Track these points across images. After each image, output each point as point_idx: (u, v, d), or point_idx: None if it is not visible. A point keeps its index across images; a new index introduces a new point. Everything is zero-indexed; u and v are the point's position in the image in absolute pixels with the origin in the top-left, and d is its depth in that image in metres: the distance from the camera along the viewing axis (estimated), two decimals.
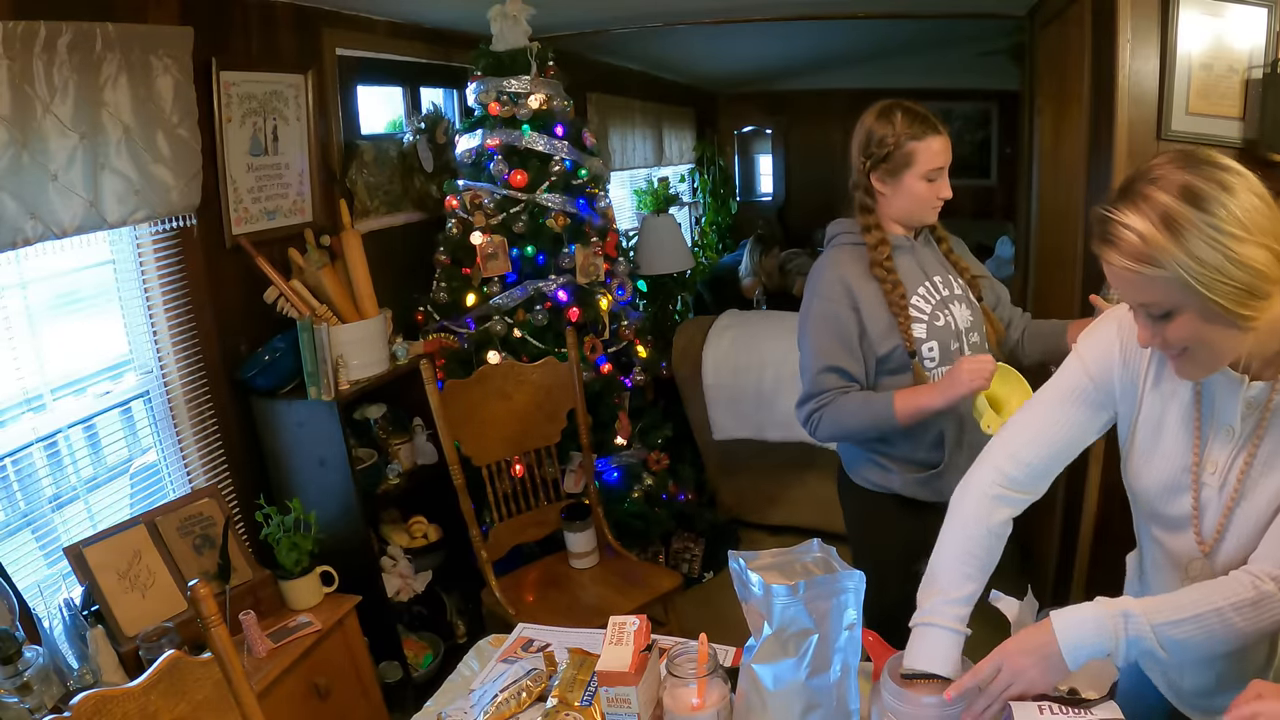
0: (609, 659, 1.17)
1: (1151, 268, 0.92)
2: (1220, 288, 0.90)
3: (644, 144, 5.19)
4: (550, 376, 2.46)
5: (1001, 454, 1.20)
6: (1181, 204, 0.90)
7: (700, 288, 5.01)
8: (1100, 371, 1.14)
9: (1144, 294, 0.95)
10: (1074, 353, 1.18)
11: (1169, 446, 1.09)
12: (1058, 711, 1.06)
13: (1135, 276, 0.94)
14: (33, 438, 1.87)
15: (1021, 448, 1.19)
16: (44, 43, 1.71)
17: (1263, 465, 1.03)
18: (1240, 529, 1.05)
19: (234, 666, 1.19)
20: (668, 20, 3.71)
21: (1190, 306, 0.93)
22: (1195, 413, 1.07)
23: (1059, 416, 1.17)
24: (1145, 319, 0.98)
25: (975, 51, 5.26)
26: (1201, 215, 0.89)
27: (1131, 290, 0.97)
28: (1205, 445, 1.06)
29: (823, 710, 1.08)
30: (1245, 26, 1.99)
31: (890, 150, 1.65)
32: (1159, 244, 0.90)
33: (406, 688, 2.49)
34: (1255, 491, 1.03)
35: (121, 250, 2.09)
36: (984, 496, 1.19)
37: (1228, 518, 1.06)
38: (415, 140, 3.02)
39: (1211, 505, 1.07)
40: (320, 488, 2.34)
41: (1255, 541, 1.03)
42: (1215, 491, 1.06)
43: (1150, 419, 1.11)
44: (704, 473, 3.59)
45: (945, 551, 1.20)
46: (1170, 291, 0.93)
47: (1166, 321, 0.96)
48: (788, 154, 7.11)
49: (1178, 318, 0.95)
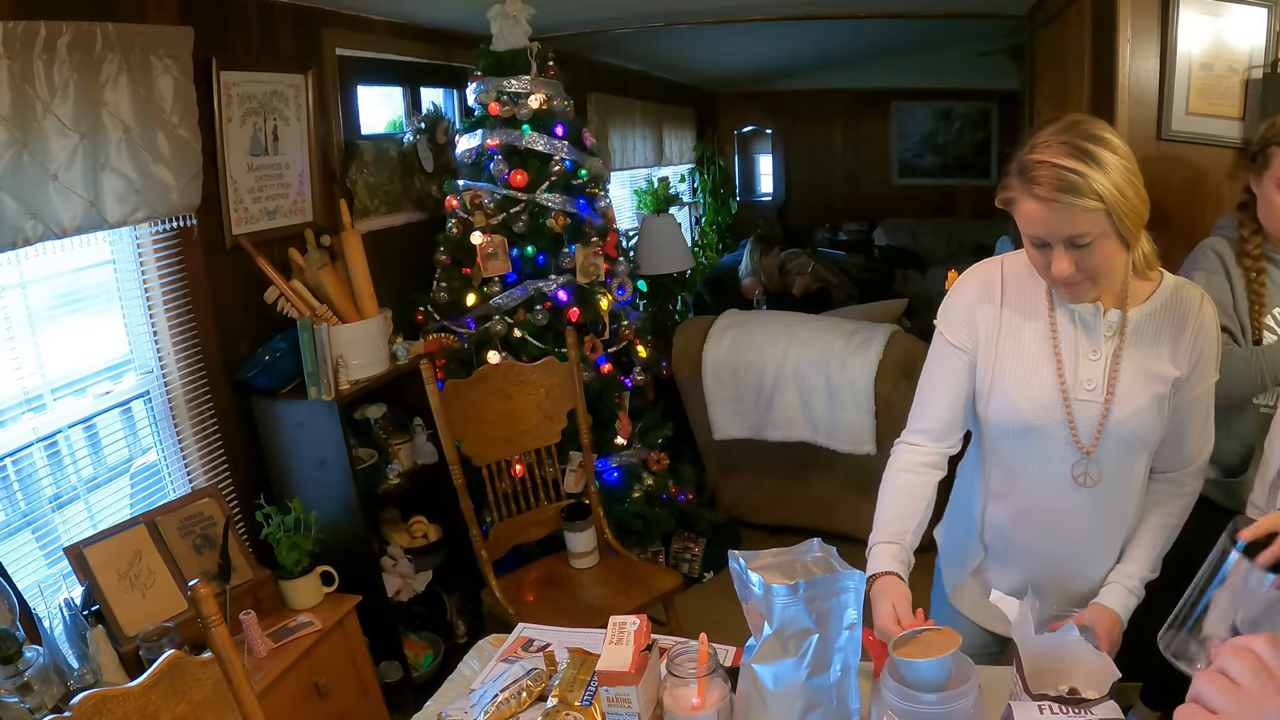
0: (609, 659, 1.17)
1: (1092, 200, 1.12)
2: (1131, 215, 1.15)
3: (644, 144, 5.19)
4: (550, 376, 2.46)
5: (920, 424, 1.42)
6: (1106, 152, 1.14)
7: (700, 288, 5.01)
8: (960, 337, 1.37)
9: (1077, 226, 1.15)
10: (936, 333, 1.40)
11: (1038, 374, 1.31)
12: (1058, 711, 1.06)
13: (1077, 211, 1.13)
14: (33, 438, 1.87)
15: (929, 415, 1.41)
16: (44, 42, 1.71)
17: (1128, 373, 1.29)
18: (1117, 431, 1.29)
19: (234, 666, 1.19)
20: (668, 20, 3.71)
21: (1110, 233, 1.16)
22: (1054, 345, 1.31)
23: (945, 383, 1.39)
24: (1066, 251, 1.18)
25: (975, 51, 5.27)
26: (1119, 159, 1.14)
27: (1065, 225, 1.15)
28: (1073, 368, 1.30)
29: (823, 710, 1.08)
30: (1245, 26, 1.99)
31: (1256, 150, 1.63)
32: (1100, 181, 1.12)
33: (406, 688, 2.48)
34: (1125, 397, 1.29)
35: (121, 250, 2.09)
36: (913, 464, 1.40)
37: (1104, 423, 1.29)
38: (415, 140, 3.02)
39: (1089, 415, 1.30)
40: (320, 488, 2.34)
41: (1129, 439, 1.29)
42: (1091, 404, 1.29)
43: (1012, 357, 1.33)
44: (704, 473, 3.59)
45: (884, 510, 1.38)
46: (1098, 220, 1.14)
47: (1087, 249, 1.17)
48: (788, 154, 7.11)
49: (1098, 245, 1.16)
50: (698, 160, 6.32)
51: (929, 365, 1.43)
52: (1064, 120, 1.18)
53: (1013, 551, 1.44)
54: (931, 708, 1.07)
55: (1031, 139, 1.19)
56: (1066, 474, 1.33)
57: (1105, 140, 1.15)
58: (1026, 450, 1.35)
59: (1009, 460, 1.38)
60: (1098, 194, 1.12)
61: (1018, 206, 1.20)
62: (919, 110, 6.62)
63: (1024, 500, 1.40)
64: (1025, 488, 1.39)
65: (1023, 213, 1.19)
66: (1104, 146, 1.14)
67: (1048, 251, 1.20)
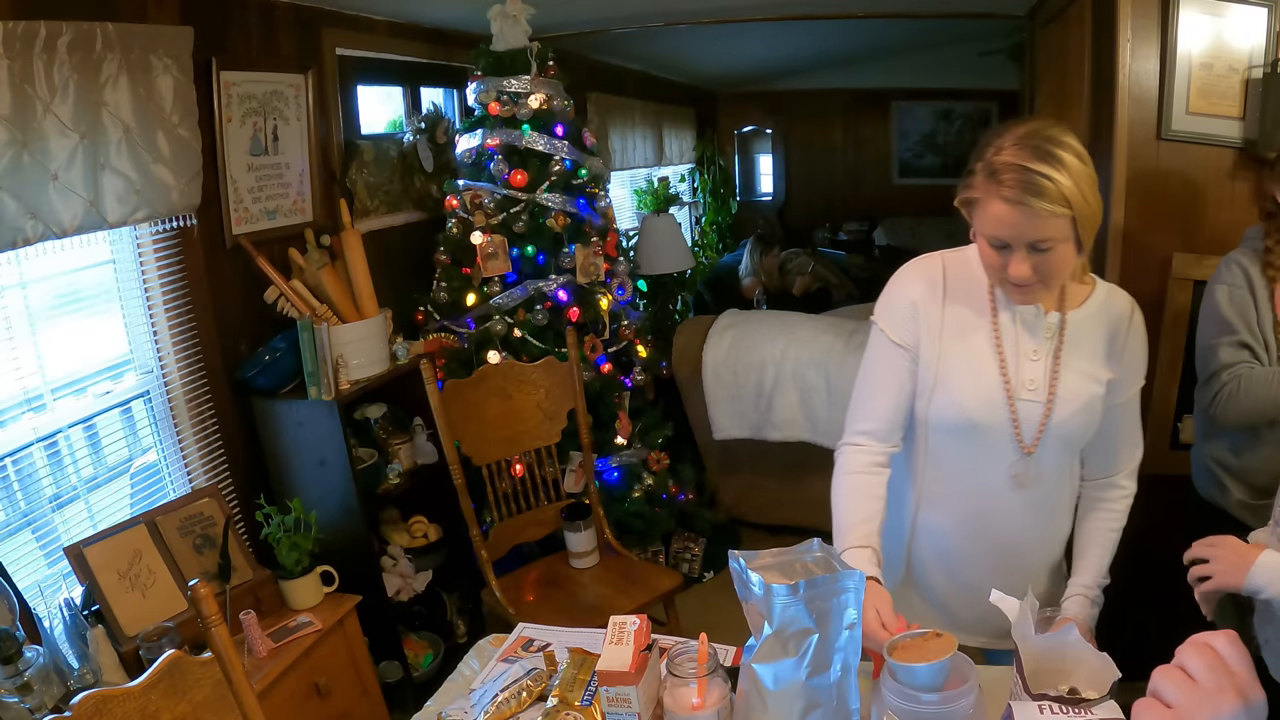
0: (609, 659, 1.17)
1: (1060, 206, 1.14)
2: (1091, 222, 1.18)
3: (644, 144, 5.19)
4: (550, 376, 2.46)
5: (863, 425, 1.40)
6: (1072, 157, 1.15)
7: (700, 288, 5.01)
8: (903, 335, 1.36)
9: (1043, 231, 1.16)
10: (874, 329, 1.39)
11: (983, 373, 1.33)
12: (1058, 711, 1.06)
13: (1047, 217, 1.15)
14: (33, 438, 1.87)
15: (873, 415, 1.39)
16: (44, 42, 1.71)
17: (1067, 373, 1.31)
18: (1058, 430, 1.32)
19: (234, 666, 1.19)
20: (668, 20, 3.71)
21: (1070, 239, 1.18)
22: (997, 345, 1.32)
23: (888, 381, 1.38)
24: (1027, 254, 1.19)
25: (975, 51, 5.27)
26: (1082, 166, 1.16)
27: (1031, 228, 1.16)
28: (1015, 368, 1.31)
29: (823, 710, 1.08)
30: (1245, 26, 1.99)
31: (1277, 158, 1.62)
32: (1067, 186, 1.14)
33: (406, 687, 2.48)
34: (1066, 397, 1.31)
35: (121, 250, 2.09)
36: (863, 465, 1.38)
37: (1046, 422, 1.31)
38: (415, 140, 3.02)
39: (1032, 414, 1.31)
40: (320, 487, 2.34)
41: (1069, 439, 1.33)
42: (1034, 404, 1.31)
43: (957, 355, 1.34)
44: (704, 473, 3.59)
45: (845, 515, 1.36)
46: (1061, 226, 1.16)
47: (1047, 254, 1.18)
48: (788, 153, 7.11)
49: (1058, 249, 1.18)
50: (698, 160, 6.32)
51: (869, 364, 1.41)
52: (1029, 124, 1.19)
53: (944, 557, 1.44)
54: (931, 708, 1.07)
55: (996, 140, 1.19)
56: (1004, 474, 1.35)
57: (1070, 146, 1.16)
58: (968, 450, 1.36)
59: (948, 461, 1.39)
60: (1065, 199, 1.14)
61: (982, 207, 1.21)
62: (919, 110, 6.62)
63: (961, 503, 1.40)
64: (962, 489, 1.39)
65: (988, 213, 1.20)
66: (1070, 152, 1.15)
67: (1007, 253, 1.21)
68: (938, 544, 1.43)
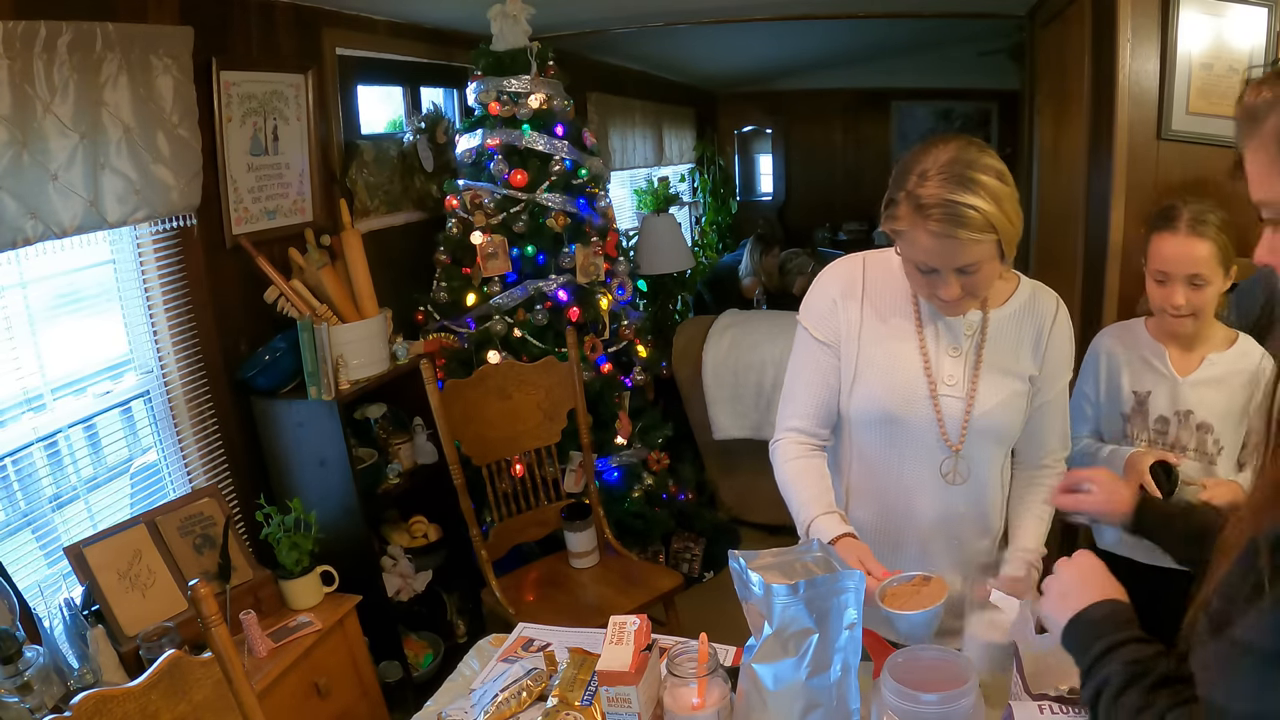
0: (609, 658, 1.17)
1: (989, 234, 1.17)
2: (1013, 238, 1.20)
3: (644, 144, 5.19)
4: (550, 376, 2.46)
5: (792, 422, 1.45)
6: (999, 183, 1.17)
7: (700, 288, 5.01)
8: (825, 332, 1.40)
9: (970, 256, 1.19)
10: (799, 328, 1.43)
11: (903, 369, 1.35)
12: (1058, 711, 1.06)
13: (971, 244, 1.17)
14: (33, 437, 1.87)
15: (799, 412, 1.44)
16: (44, 42, 1.71)
17: (989, 370, 1.34)
18: (981, 425, 1.34)
19: (234, 666, 1.19)
20: (668, 20, 3.72)
21: (995, 256, 1.21)
22: (920, 342, 1.35)
23: (813, 378, 1.42)
24: (955, 277, 1.22)
25: (975, 51, 5.27)
26: (1003, 185, 1.17)
27: (960, 257, 1.19)
28: (936, 364, 1.34)
29: (823, 710, 1.08)
30: (1245, 26, 1.99)
31: None
32: (996, 216, 1.16)
33: (406, 687, 2.49)
34: (988, 392, 1.34)
35: (121, 250, 2.09)
36: (800, 452, 1.44)
37: (969, 416, 1.34)
38: (415, 140, 3.02)
39: (954, 410, 1.34)
40: (320, 487, 2.34)
41: (993, 434, 1.35)
42: (955, 400, 1.34)
43: (876, 351, 1.37)
44: (704, 473, 3.59)
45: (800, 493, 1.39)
46: (988, 249, 1.19)
47: (973, 274, 1.21)
48: (788, 153, 7.11)
49: (984, 267, 1.21)
50: (698, 160, 6.32)
51: (795, 362, 1.45)
52: (948, 147, 1.19)
53: (874, 550, 1.40)
54: (931, 708, 1.07)
55: (918, 166, 1.20)
56: (934, 471, 1.37)
57: (990, 167, 1.17)
58: (893, 445, 1.38)
59: (873, 456, 1.41)
60: (991, 225, 1.16)
61: (909, 238, 1.22)
62: (919, 110, 6.61)
63: (887, 498, 1.42)
64: (888, 485, 1.41)
65: (916, 244, 1.21)
66: (990, 174, 1.16)
67: (935, 277, 1.24)
68: (867, 539, 1.39)
